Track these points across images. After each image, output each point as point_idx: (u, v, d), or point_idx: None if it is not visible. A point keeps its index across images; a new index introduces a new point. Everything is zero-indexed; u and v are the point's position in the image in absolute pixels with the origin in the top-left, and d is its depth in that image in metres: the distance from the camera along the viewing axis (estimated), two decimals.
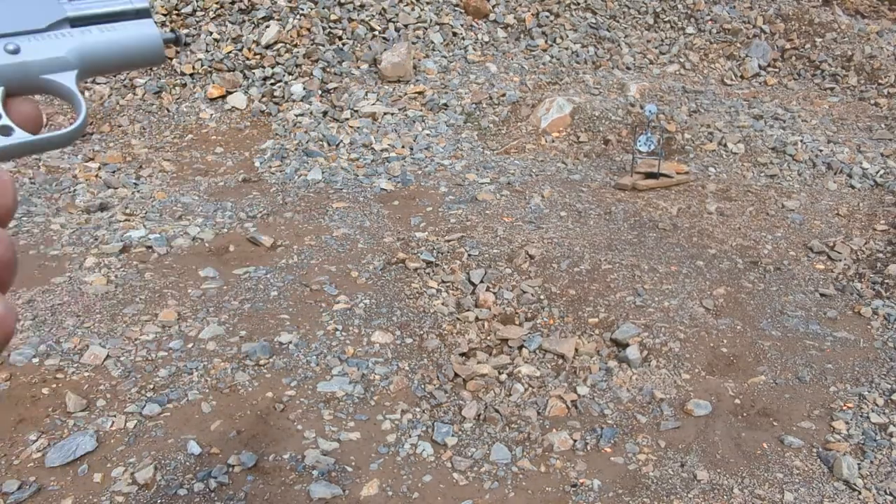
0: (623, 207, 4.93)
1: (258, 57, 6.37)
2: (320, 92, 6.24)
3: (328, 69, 6.40)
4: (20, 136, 0.41)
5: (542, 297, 3.89)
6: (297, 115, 6.00)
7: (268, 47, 6.42)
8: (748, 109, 6.34)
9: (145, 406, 3.04)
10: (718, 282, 4.14)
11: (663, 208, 4.97)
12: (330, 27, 6.66)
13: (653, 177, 5.26)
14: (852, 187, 5.39)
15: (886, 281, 4.17)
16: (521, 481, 2.85)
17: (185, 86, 6.24)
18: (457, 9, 7.31)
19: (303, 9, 6.62)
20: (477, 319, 3.70)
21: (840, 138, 6.00)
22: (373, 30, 6.76)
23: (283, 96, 6.19)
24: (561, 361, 3.48)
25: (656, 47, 7.53)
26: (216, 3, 6.62)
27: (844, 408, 3.27)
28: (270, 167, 5.42)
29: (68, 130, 0.45)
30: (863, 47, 7.24)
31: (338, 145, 5.68)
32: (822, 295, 4.12)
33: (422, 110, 6.14)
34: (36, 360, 3.24)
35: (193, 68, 6.31)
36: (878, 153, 5.76)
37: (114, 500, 2.62)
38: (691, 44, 7.56)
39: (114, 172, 5.22)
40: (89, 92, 6.13)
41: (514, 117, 6.17)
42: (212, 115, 6.07)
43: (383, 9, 6.89)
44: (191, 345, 3.43)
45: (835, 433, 3.13)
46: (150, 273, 3.98)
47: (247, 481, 2.73)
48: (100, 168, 5.25)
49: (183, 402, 3.09)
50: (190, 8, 6.61)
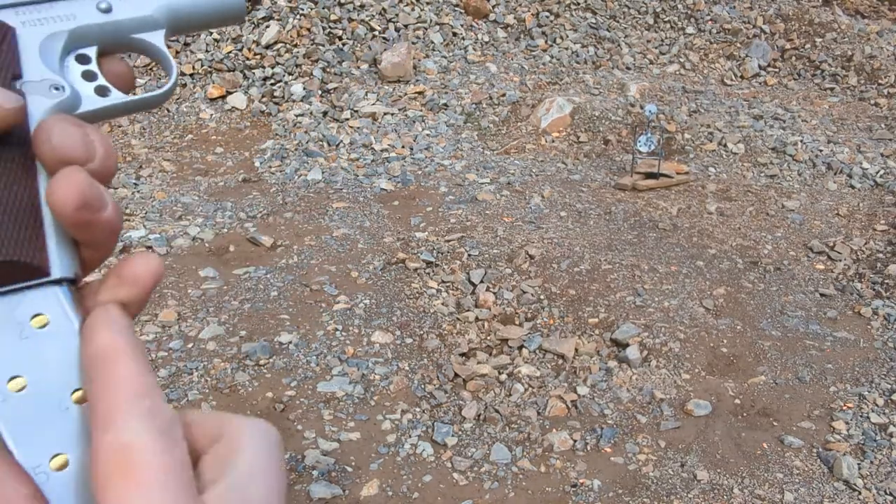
0: (623, 207, 4.94)
1: (258, 57, 6.37)
2: (320, 92, 6.25)
3: (328, 69, 6.40)
4: (117, 96, 0.40)
5: (542, 297, 3.89)
6: (297, 116, 6.00)
7: (268, 47, 6.42)
8: (748, 109, 6.34)
9: None
10: (718, 282, 4.14)
11: (663, 208, 4.97)
12: (330, 27, 6.66)
13: (653, 177, 5.26)
14: (852, 187, 5.39)
15: (886, 281, 4.17)
16: (521, 481, 2.85)
17: (185, 86, 6.24)
18: (457, 9, 7.31)
19: (303, 9, 6.62)
20: (477, 319, 3.70)
21: (840, 138, 6.00)
22: (373, 30, 6.76)
23: (283, 96, 6.19)
24: (561, 361, 3.49)
25: (656, 47, 7.53)
26: None
27: (844, 408, 3.27)
28: (270, 167, 5.42)
29: (163, 91, 0.44)
30: (863, 47, 7.24)
31: (338, 145, 5.68)
32: (822, 295, 4.12)
33: (422, 110, 6.14)
34: None
35: (193, 68, 6.31)
36: (878, 153, 5.76)
37: None
38: (691, 44, 7.56)
39: None
40: None
41: (514, 117, 6.17)
42: (212, 115, 6.07)
43: (383, 9, 6.89)
44: (191, 345, 3.43)
45: (835, 433, 3.13)
46: None
47: None
48: None
49: (183, 402, 3.09)
50: None
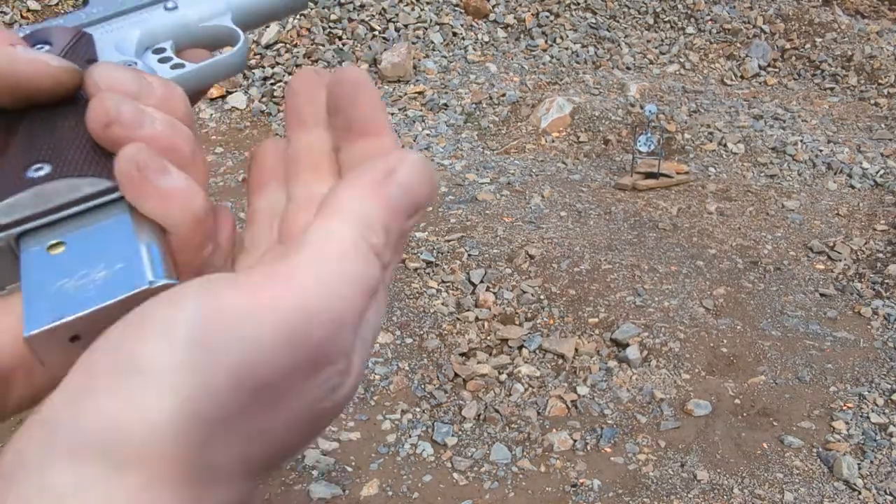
0: (623, 207, 4.94)
1: (258, 57, 6.38)
2: None
3: (328, 69, 6.40)
4: (191, 66, 0.44)
5: (542, 297, 3.89)
6: None
7: (268, 47, 6.42)
8: (748, 109, 6.34)
9: None
10: (718, 282, 4.15)
11: (663, 208, 4.97)
12: (330, 27, 6.66)
13: (653, 177, 5.26)
14: (852, 187, 5.39)
15: (886, 281, 4.17)
16: (521, 481, 2.85)
17: None
18: (457, 9, 7.31)
19: None
20: (477, 319, 3.70)
21: (840, 138, 6.00)
22: (373, 30, 6.76)
23: (283, 96, 6.19)
24: (561, 361, 3.49)
25: (656, 47, 7.53)
26: None
27: (844, 408, 3.27)
28: None
29: (236, 49, 0.46)
30: (863, 47, 7.24)
31: None
32: (822, 295, 4.12)
33: (422, 110, 6.15)
34: None
35: None
36: (878, 153, 5.76)
37: None
38: (691, 44, 7.56)
39: None
40: None
41: (514, 117, 6.17)
42: (212, 115, 6.07)
43: (383, 9, 6.89)
44: None
45: (835, 433, 3.13)
46: None
47: None
48: None
49: None
50: None
